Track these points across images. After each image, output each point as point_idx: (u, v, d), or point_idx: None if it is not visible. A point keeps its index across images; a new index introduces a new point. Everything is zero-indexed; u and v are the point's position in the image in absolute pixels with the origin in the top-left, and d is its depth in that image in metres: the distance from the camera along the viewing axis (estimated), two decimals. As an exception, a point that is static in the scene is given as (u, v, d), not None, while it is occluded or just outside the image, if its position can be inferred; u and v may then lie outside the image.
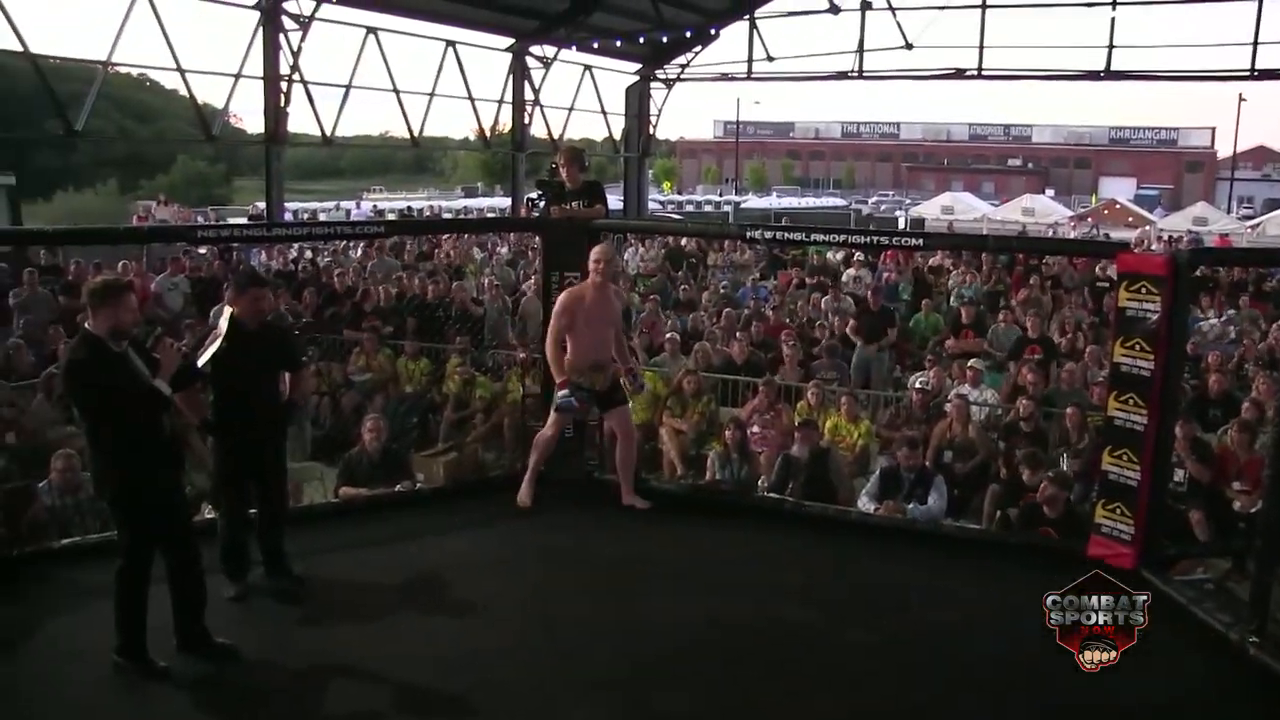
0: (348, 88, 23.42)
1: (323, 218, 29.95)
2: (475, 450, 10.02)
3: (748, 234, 7.92)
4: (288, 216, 23.46)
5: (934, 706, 4.83)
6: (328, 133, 23.41)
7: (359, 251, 18.02)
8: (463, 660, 5.06)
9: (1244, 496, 8.32)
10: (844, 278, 17.61)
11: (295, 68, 21.21)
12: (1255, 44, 23.66)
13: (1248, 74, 24.33)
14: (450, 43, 25.16)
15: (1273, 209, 45.84)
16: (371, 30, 23.29)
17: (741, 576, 6.21)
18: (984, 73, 26.30)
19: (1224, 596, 5.95)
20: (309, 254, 18.08)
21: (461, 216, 37.69)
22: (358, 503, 7.39)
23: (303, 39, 20.99)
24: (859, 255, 18.14)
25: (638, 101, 30.74)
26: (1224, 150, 77.43)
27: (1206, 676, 5.18)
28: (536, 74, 27.46)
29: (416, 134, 26.02)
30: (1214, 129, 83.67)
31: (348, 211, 42.88)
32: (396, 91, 24.58)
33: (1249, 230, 35.42)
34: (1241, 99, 60.95)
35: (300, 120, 29.72)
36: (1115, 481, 6.34)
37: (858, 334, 12.61)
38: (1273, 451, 5.31)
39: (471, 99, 26.55)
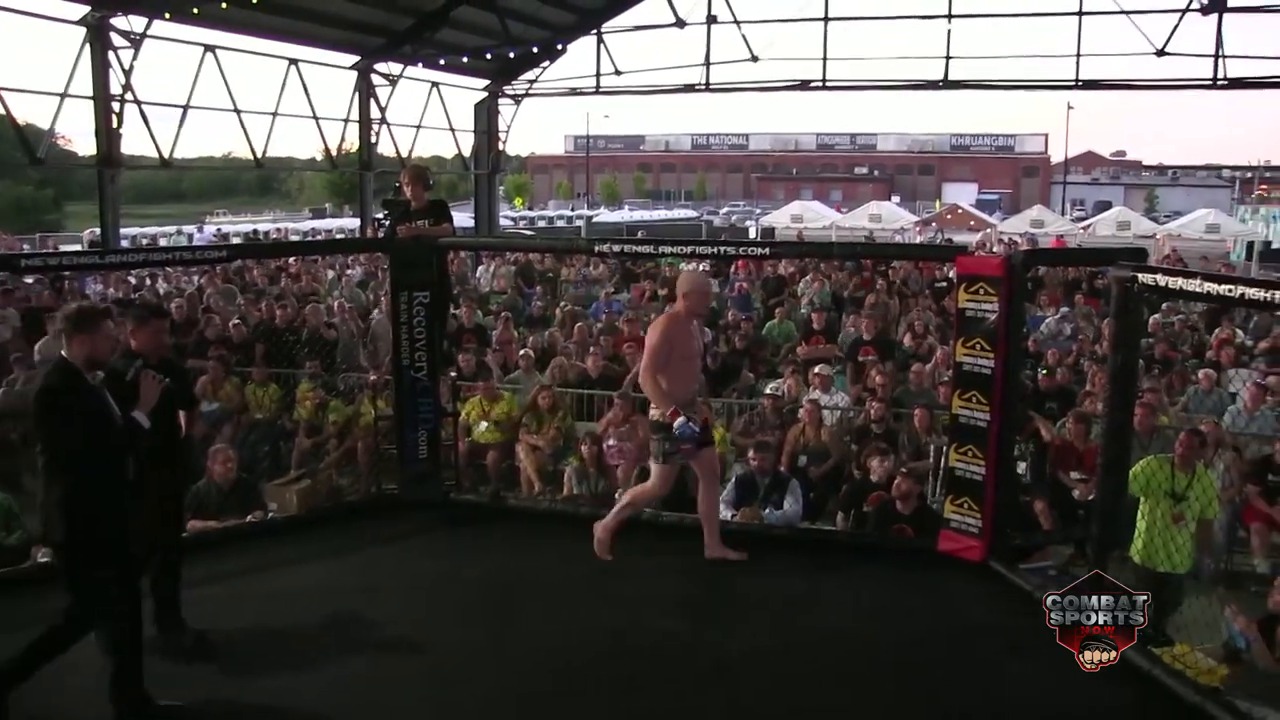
0: (185, 108, 22.75)
1: (163, 243, 28.98)
2: (330, 476, 9.80)
3: (596, 248, 7.90)
4: (124, 243, 22.54)
5: (810, 710, 4.87)
6: (166, 154, 22.66)
7: (202, 278, 17.49)
8: (335, 691, 4.91)
9: (1082, 485, 8.64)
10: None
11: (128, 87, 20.45)
12: (1079, 56, 25.02)
13: (1074, 84, 25.62)
14: (293, 61, 24.70)
15: (1103, 210, 47.70)
16: (209, 48, 22.65)
17: (609, 590, 6.19)
18: (829, 84, 27.00)
19: (1066, 582, 6.13)
20: (149, 281, 17.52)
21: (310, 238, 36.83)
22: (210, 536, 7.08)
23: (134, 57, 20.27)
24: (704, 266, 18.32)
25: (486, 118, 30.62)
26: (1057, 155, 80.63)
27: (1054, 660, 5.32)
28: (383, 92, 27.15)
29: (260, 155, 25.42)
30: (1047, 135, 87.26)
31: (189, 236, 41.54)
32: (238, 111, 23.96)
33: (1082, 231, 36.80)
34: (1070, 107, 63.85)
35: (136, 141, 28.77)
36: (962, 477, 6.51)
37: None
38: (1104, 442, 5.51)
39: (316, 118, 26.14)
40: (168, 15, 20.19)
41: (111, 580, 4.50)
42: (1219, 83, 24.74)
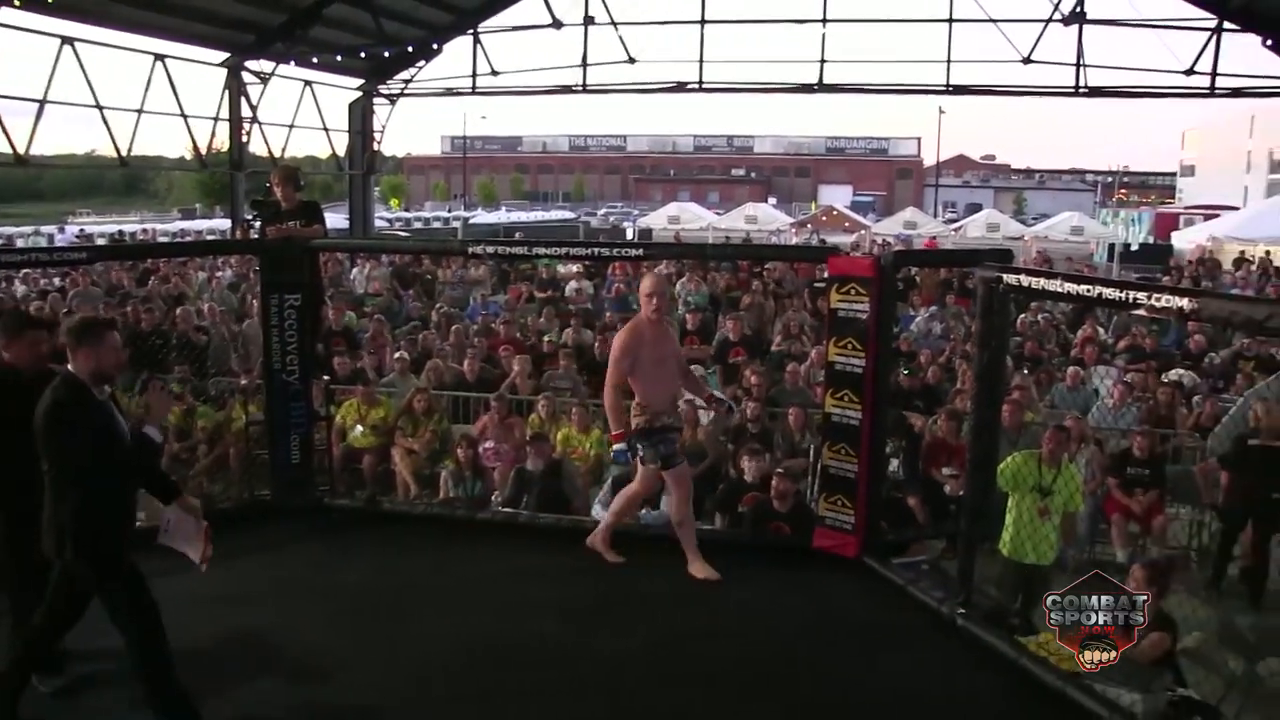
0: (42, 102, 21.66)
1: (20, 244, 27.91)
2: (200, 483, 9.56)
3: (471, 250, 7.82)
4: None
5: (691, 709, 4.89)
6: (21, 151, 21.73)
7: (65, 281, 16.88)
8: (208, 700, 4.65)
9: (953, 481, 8.84)
10: (567, 290, 17.78)
11: (-25, 78, 19.58)
12: (949, 62, 25.70)
13: (945, 89, 26.30)
14: (159, 56, 23.87)
15: (973, 212, 49.07)
16: (68, 40, 21.68)
17: (488, 594, 6.13)
18: (705, 86, 27.20)
19: (937, 575, 6.29)
20: (4, 284, 16.87)
21: (179, 239, 35.81)
22: None
23: (-18, 47, 19.34)
24: (577, 267, 18.42)
25: (361, 118, 30.13)
26: (929, 159, 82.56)
27: (924, 651, 5.45)
28: (254, 90, 26.43)
29: (125, 153, 24.57)
30: (919, 139, 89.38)
31: (49, 237, 40.00)
32: (100, 107, 23.03)
33: (954, 233, 37.83)
34: (941, 112, 65.43)
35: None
36: (835, 475, 6.60)
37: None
38: (971, 438, 5.64)
39: (185, 116, 25.29)
40: (17, 3, 19.34)
41: (121, 589, 4.37)
42: (1081, 90, 25.73)
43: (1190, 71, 24.65)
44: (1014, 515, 6.97)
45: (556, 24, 26.41)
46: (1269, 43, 23.77)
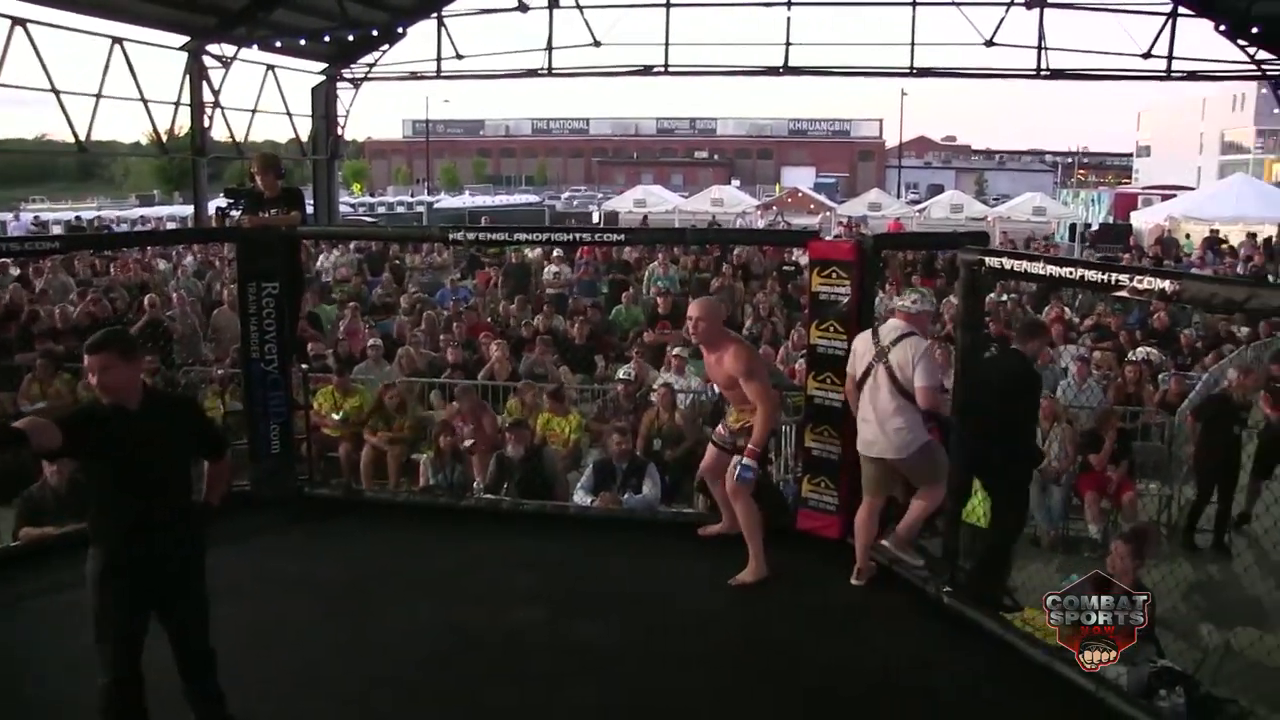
0: (-7, 86, 21.28)
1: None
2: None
3: (450, 236, 7.79)
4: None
5: (671, 695, 4.91)
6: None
7: (28, 268, 16.65)
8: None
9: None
10: (545, 275, 17.80)
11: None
12: (913, 45, 25.86)
13: (908, 71, 26.49)
14: (116, 40, 23.39)
15: (936, 193, 49.37)
16: (19, 22, 21.11)
17: (471, 582, 6.14)
18: (670, 69, 27.13)
19: (919, 553, 6.35)
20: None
21: (139, 227, 35.34)
22: (47, 543, 6.61)
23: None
24: (557, 251, 18.43)
25: (324, 102, 29.82)
26: (891, 140, 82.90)
27: (911, 629, 5.52)
28: (216, 74, 26.01)
29: (83, 137, 24.18)
30: (881, 121, 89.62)
31: (3, 224, 39.40)
32: (55, 91, 22.55)
33: (917, 214, 38.02)
34: (904, 94, 65.74)
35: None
36: (818, 457, 6.66)
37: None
38: (954, 417, 5.70)
39: (144, 100, 24.80)
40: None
41: None
42: (1042, 73, 25.95)
43: (1147, 55, 24.96)
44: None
45: (522, 7, 26.26)
46: (1221, 28, 24.13)
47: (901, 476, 6.25)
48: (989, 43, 25.25)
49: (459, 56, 27.91)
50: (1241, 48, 24.80)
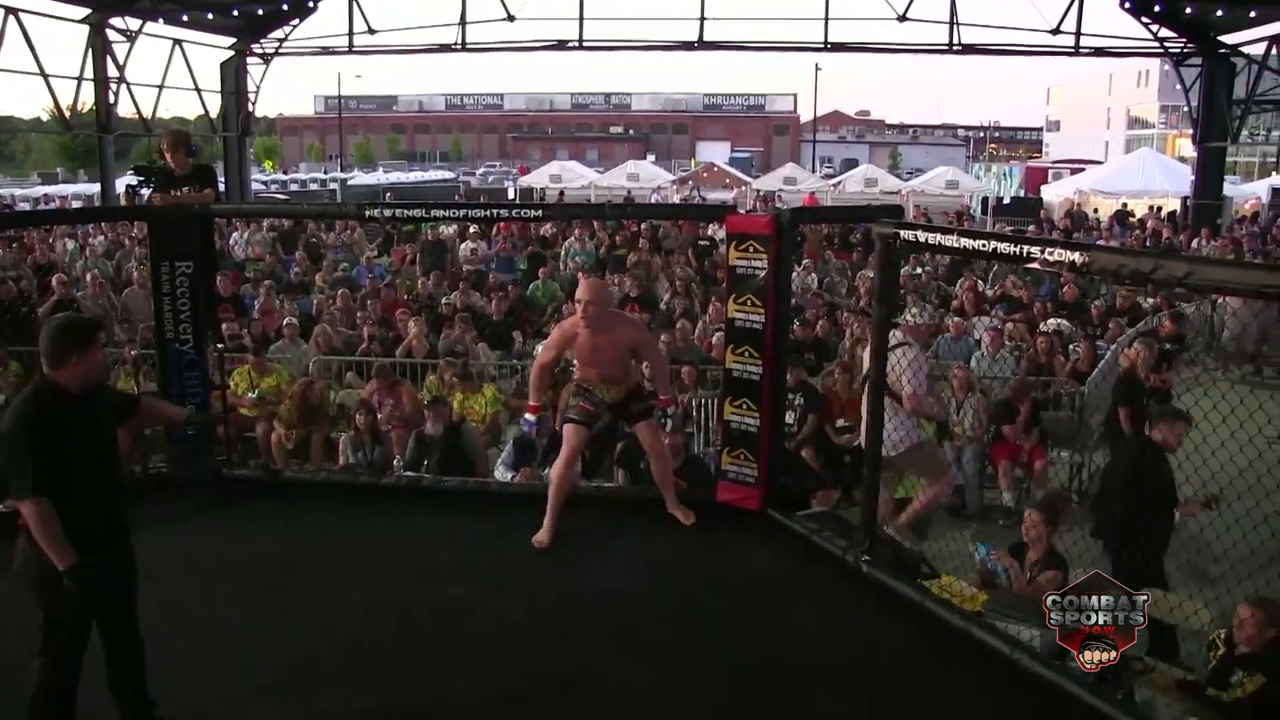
0: None
1: None
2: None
3: (367, 213, 7.71)
4: None
5: (602, 667, 4.94)
6: None
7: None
8: None
9: (845, 432, 9.06)
10: (462, 250, 17.70)
11: None
12: (826, 19, 26.09)
13: (822, 46, 26.71)
14: (11, 10, 22.50)
15: (850, 168, 49.72)
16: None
17: (396, 560, 6.11)
18: (585, 44, 27.07)
19: (837, 524, 6.46)
20: None
21: (43, 205, 34.37)
22: None
23: None
24: (474, 228, 18.34)
25: (234, 77, 29.25)
26: (805, 115, 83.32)
27: (833, 599, 5.61)
28: (120, 49, 25.40)
29: (-20, 114, 23.42)
30: (796, 95, 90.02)
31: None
32: (-57, 65, 21.86)
33: (832, 188, 38.30)
34: (818, 68, 66.08)
35: None
36: (737, 429, 6.72)
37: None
38: (871, 389, 5.79)
39: (45, 75, 24.02)
40: None
41: None
42: (954, 48, 26.36)
43: (1056, 31, 25.51)
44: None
45: (434, -19, 26.04)
46: (1126, 5, 24.70)
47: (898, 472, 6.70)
48: (902, 18, 25.62)
49: (371, 31, 27.62)
50: (1145, 25, 25.45)
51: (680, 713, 4.61)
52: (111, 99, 25.60)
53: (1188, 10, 24.62)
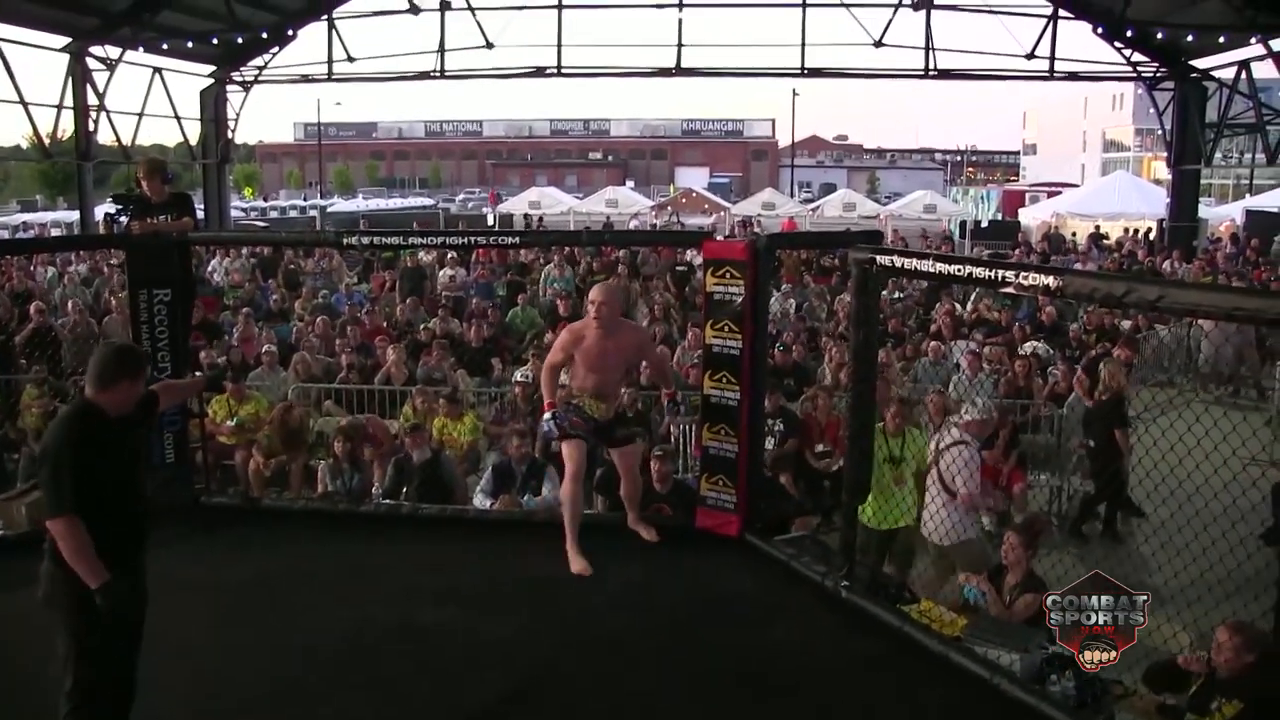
0: None
1: None
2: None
3: (345, 240, 7.71)
4: None
5: (577, 690, 4.95)
6: None
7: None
8: None
9: (825, 457, 9.08)
10: (440, 276, 17.69)
11: None
12: (804, 45, 26.22)
13: (799, 72, 26.88)
14: (-9, 41, 22.50)
15: (828, 192, 50.04)
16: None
17: (376, 585, 6.09)
18: (564, 70, 27.14)
19: (817, 549, 6.46)
20: None
21: (21, 233, 34.21)
22: None
23: None
24: (451, 255, 18.34)
25: (214, 105, 29.19)
26: (783, 140, 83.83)
27: (812, 624, 5.61)
28: (100, 76, 25.29)
29: (-40, 143, 23.33)
30: (774, 120, 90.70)
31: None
32: (-76, 93, 21.75)
33: (811, 212, 38.47)
34: (795, 94, 66.60)
35: None
36: (715, 455, 6.72)
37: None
38: (850, 413, 5.81)
39: (24, 103, 23.98)
40: None
41: None
42: (930, 73, 26.57)
43: (1031, 55, 25.73)
44: (874, 487, 7.19)
45: (414, 9, 26.09)
46: (1099, 30, 24.98)
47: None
48: (878, 43, 25.78)
49: (350, 59, 27.64)
50: (1118, 49, 25.73)
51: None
52: (91, 127, 25.45)
53: (1159, 35, 24.85)
